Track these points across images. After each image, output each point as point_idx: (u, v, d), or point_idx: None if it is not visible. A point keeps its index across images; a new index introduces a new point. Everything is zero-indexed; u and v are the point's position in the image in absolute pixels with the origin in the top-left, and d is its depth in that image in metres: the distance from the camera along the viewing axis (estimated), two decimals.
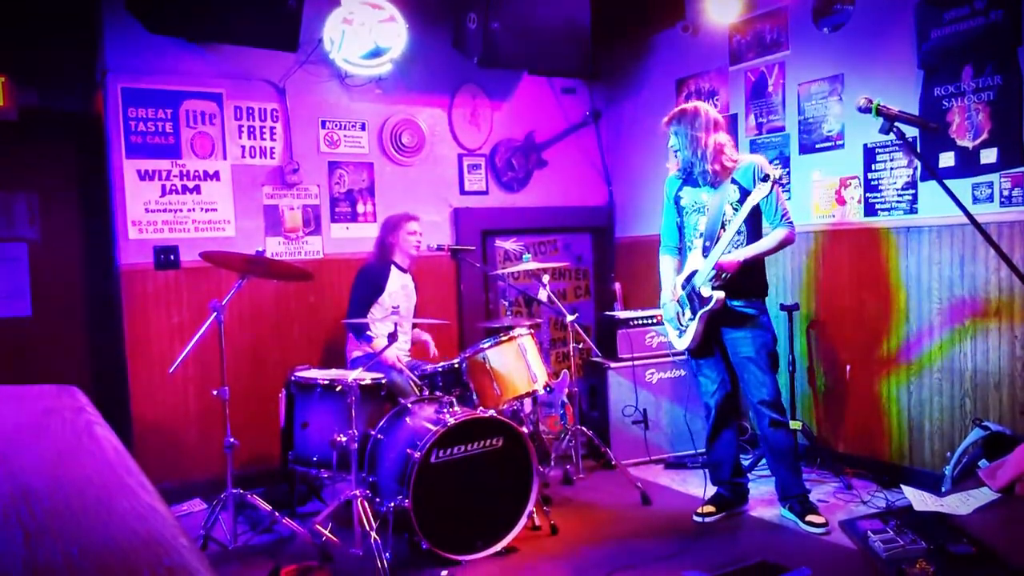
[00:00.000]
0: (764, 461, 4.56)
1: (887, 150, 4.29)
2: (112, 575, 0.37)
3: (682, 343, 3.90)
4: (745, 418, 5.08)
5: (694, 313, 3.77)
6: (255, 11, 4.33)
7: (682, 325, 3.87)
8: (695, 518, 3.89)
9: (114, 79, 4.50)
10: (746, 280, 3.71)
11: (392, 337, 3.62)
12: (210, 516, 3.70)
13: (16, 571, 0.38)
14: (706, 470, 4.15)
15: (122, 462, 0.53)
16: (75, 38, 4.67)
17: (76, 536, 0.41)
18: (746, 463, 4.46)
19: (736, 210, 3.69)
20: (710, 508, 3.93)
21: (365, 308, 4.38)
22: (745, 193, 3.70)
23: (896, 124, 3.01)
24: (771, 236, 3.70)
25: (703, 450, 4.97)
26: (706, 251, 3.73)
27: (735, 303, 3.72)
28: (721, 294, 3.66)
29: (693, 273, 3.78)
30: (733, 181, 3.72)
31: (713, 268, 3.64)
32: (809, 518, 3.67)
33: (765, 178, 3.49)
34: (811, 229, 4.67)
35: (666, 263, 4.04)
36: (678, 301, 3.86)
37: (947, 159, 4.00)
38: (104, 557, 0.38)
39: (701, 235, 3.78)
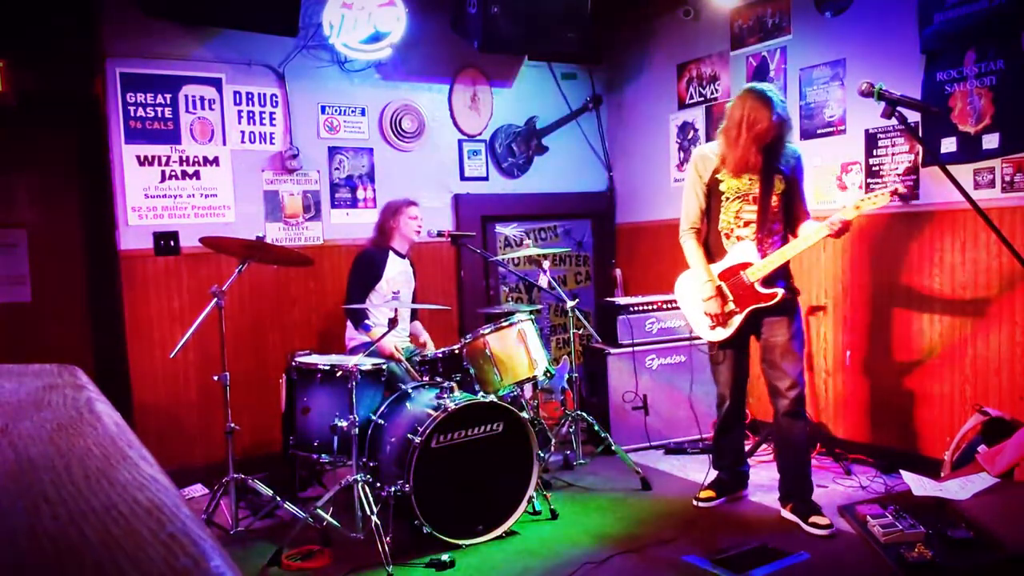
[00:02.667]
0: (763, 447, 4.58)
1: (888, 135, 4.28)
2: (114, 542, 0.37)
3: (717, 335, 3.70)
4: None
5: (743, 306, 3.60)
6: None
7: (721, 317, 3.65)
8: (695, 503, 3.90)
9: (112, 63, 4.47)
10: (784, 267, 3.63)
11: (392, 323, 3.62)
12: (211, 501, 3.71)
13: (18, 540, 0.38)
14: (710, 455, 4.13)
15: (123, 435, 0.53)
16: (74, 21, 4.65)
17: (78, 505, 0.41)
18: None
19: (781, 199, 3.57)
20: (710, 493, 3.93)
21: (364, 294, 4.38)
22: (789, 182, 3.57)
23: (898, 109, 3.00)
24: (817, 230, 3.50)
25: (701, 436, 5.00)
26: (761, 243, 3.57)
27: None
28: (782, 290, 3.55)
29: (741, 265, 3.58)
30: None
31: (776, 264, 3.50)
32: (813, 519, 3.53)
33: (885, 188, 3.34)
34: (812, 215, 4.65)
35: (695, 247, 3.73)
36: (718, 291, 3.63)
37: (948, 144, 3.99)
38: (107, 525, 0.39)
39: (747, 224, 3.59)
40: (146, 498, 0.41)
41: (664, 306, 5.11)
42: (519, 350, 3.99)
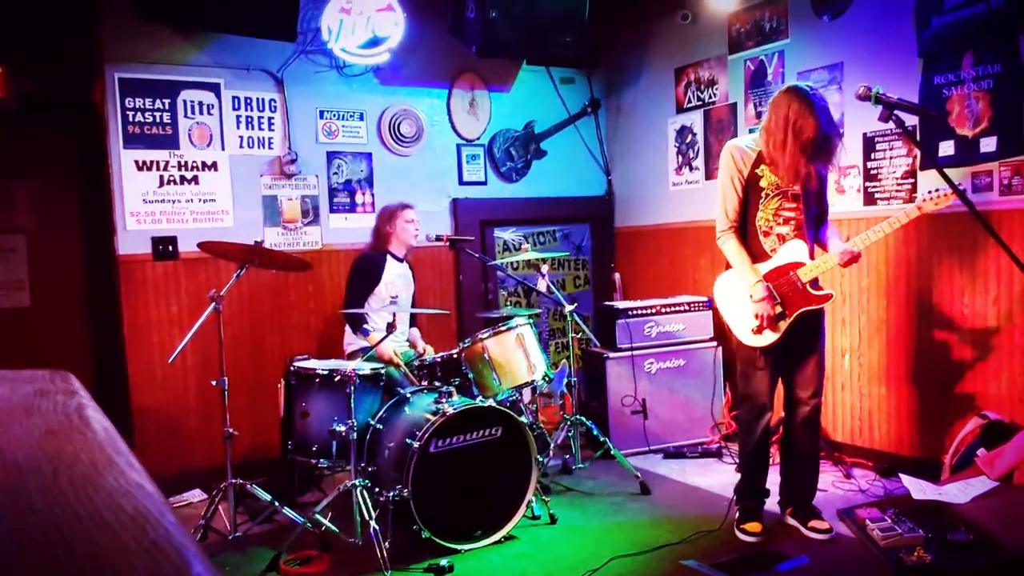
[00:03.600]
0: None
1: (886, 139, 4.28)
2: (98, 549, 0.37)
3: (764, 339, 3.41)
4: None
5: (794, 309, 3.37)
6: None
7: (770, 319, 3.38)
8: (740, 536, 3.53)
9: (111, 68, 4.48)
10: None
11: (390, 327, 3.62)
12: (210, 506, 3.71)
13: (2, 546, 0.37)
14: (740, 482, 3.69)
15: (111, 441, 0.53)
16: (73, 26, 4.65)
17: (63, 511, 0.41)
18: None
19: (815, 197, 3.42)
20: (757, 526, 3.54)
21: (362, 298, 4.38)
22: (821, 181, 3.44)
23: (895, 112, 3.00)
24: (894, 219, 3.31)
25: (701, 440, 4.99)
26: (820, 240, 3.45)
27: None
28: (831, 291, 3.44)
29: (791, 265, 3.38)
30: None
31: (837, 262, 3.32)
32: (812, 523, 3.50)
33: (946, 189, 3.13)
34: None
35: (737, 246, 3.43)
36: (768, 295, 3.36)
37: (946, 148, 3.99)
38: (90, 532, 0.38)
39: (787, 222, 3.39)
40: (131, 505, 0.41)
41: (663, 310, 5.11)
42: (518, 354, 3.99)
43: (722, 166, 3.48)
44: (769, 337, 3.40)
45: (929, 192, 3.28)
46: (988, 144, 3.83)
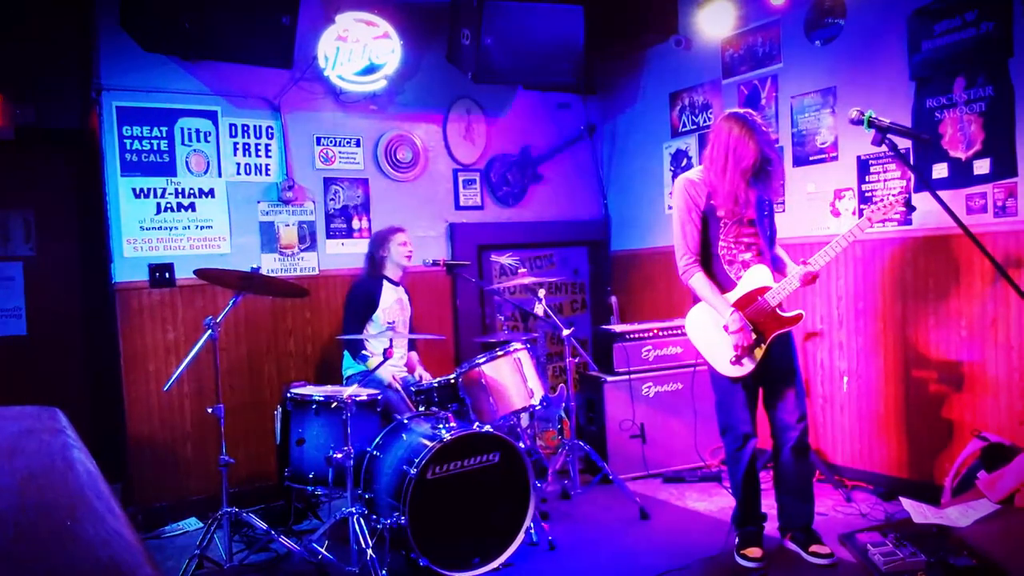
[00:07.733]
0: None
1: (880, 162, 4.31)
2: None
3: (744, 369, 3.40)
4: None
5: (769, 333, 3.40)
6: (249, 28, 4.34)
7: (748, 349, 3.38)
8: (741, 562, 3.48)
9: (109, 97, 4.50)
10: None
11: (387, 353, 3.61)
12: (205, 535, 3.67)
13: None
14: (737, 508, 3.64)
15: (93, 486, 0.52)
16: (71, 56, 4.68)
17: (39, 561, 0.40)
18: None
19: (767, 219, 3.49)
20: (757, 551, 3.49)
21: (361, 324, 4.37)
22: (769, 205, 3.50)
23: (888, 136, 3.02)
24: (842, 237, 3.34)
25: (700, 464, 4.96)
26: (776, 265, 3.50)
27: None
28: (800, 310, 3.45)
29: (758, 290, 3.39)
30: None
31: (798, 282, 3.33)
32: (813, 548, 3.46)
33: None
34: (806, 242, 4.67)
35: (704, 280, 3.43)
36: (744, 324, 3.35)
37: (940, 170, 4.01)
38: None
39: (748, 248, 3.44)
40: (107, 556, 0.40)
41: (660, 333, 5.10)
42: (515, 379, 3.98)
43: (678, 200, 3.50)
44: (748, 366, 3.40)
45: (876, 203, 3.31)
46: (982, 166, 3.85)
